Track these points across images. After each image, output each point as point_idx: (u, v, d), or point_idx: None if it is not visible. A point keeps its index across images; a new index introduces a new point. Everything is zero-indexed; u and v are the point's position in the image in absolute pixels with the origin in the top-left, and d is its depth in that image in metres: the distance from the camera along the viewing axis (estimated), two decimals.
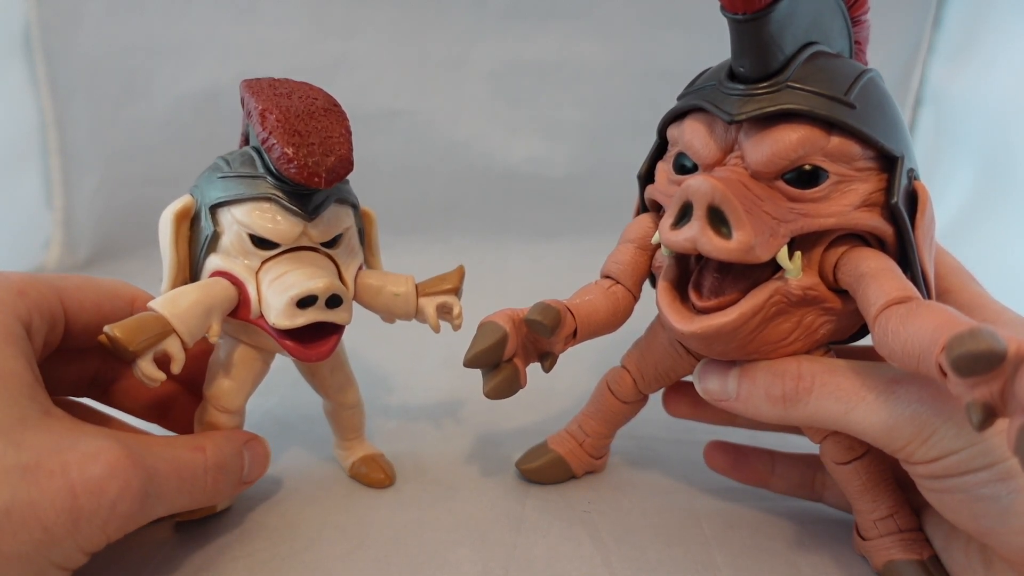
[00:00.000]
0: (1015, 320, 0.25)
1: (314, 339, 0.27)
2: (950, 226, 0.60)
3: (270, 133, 0.25)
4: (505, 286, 0.63)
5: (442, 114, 0.69)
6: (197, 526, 0.30)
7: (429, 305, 0.31)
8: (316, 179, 0.25)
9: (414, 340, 0.51)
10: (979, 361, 0.17)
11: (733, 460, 0.33)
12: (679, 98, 0.27)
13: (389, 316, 0.32)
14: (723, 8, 0.22)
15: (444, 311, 0.31)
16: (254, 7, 0.64)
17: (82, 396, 0.30)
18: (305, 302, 0.26)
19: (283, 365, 0.34)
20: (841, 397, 0.23)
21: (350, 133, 0.27)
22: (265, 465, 0.30)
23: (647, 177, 0.29)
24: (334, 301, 0.26)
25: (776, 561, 0.28)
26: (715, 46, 0.25)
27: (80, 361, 0.29)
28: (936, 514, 0.26)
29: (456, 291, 0.31)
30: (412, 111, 0.68)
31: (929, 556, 0.26)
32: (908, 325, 0.20)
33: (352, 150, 0.26)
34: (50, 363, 0.26)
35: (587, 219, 0.67)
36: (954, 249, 0.29)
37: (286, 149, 0.25)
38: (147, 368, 0.24)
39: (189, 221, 0.28)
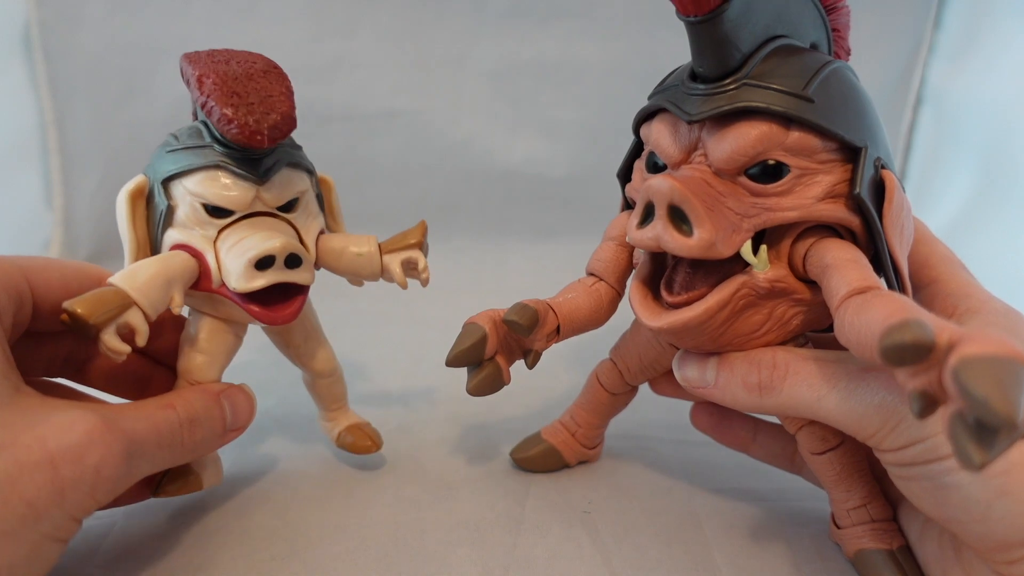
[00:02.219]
0: (1000, 308, 0.25)
1: (279, 303, 0.27)
2: (950, 226, 0.60)
3: (208, 96, 0.25)
4: (504, 286, 0.63)
5: (442, 114, 0.69)
6: (197, 525, 0.30)
7: (394, 262, 0.30)
8: (258, 137, 0.25)
9: (414, 340, 0.51)
10: (906, 352, 0.18)
11: (717, 421, 0.33)
12: (648, 98, 0.28)
13: (355, 278, 0.31)
14: (677, 11, 0.23)
15: (410, 267, 0.31)
16: (254, 7, 0.64)
17: (56, 376, 0.29)
18: (263, 263, 0.26)
19: (282, 365, 0.34)
20: (814, 385, 0.24)
21: (291, 92, 0.26)
22: (251, 410, 0.30)
23: (626, 176, 0.30)
24: (293, 260, 0.27)
25: (776, 561, 0.28)
26: None
27: (52, 342, 0.28)
28: (912, 506, 0.26)
29: (420, 246, 0.31)
30: (412, 111, 0.68)
31: (899, 546, 0.27)
32: (862, 315, 0.21)
33: (294, 108, 0.26)
34: (21, 345, 0.26)
35: (587, 219, 0.67)
36: (954, 248, 0.29)
37: (225, 110, 0.25)
38: (111, 341, 0.24)
39: (144, 200, 0.28)
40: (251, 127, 0.25)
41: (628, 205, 0.31)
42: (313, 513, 0.31)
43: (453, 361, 0.27)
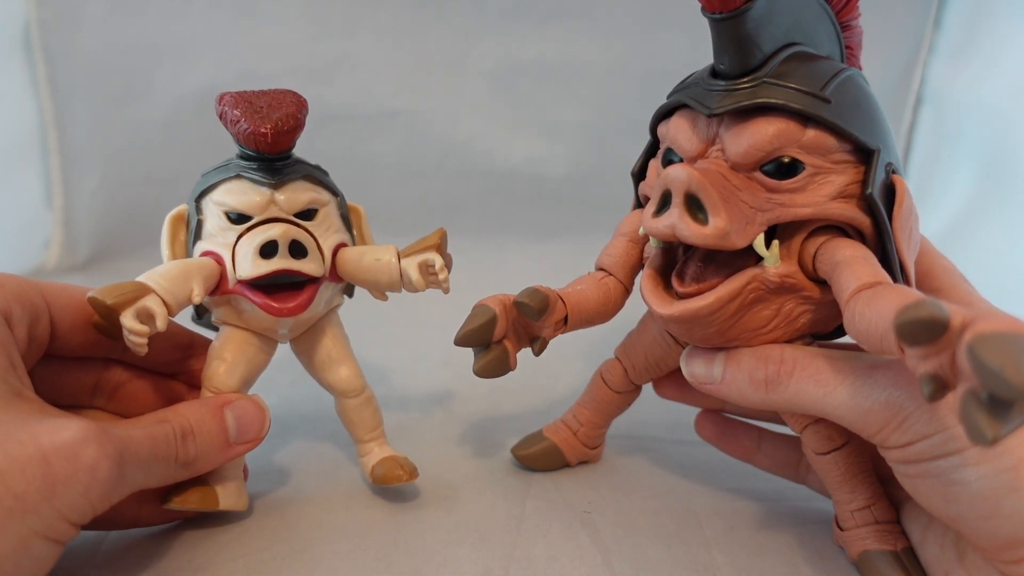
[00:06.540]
0: (1002, 318, 0.25)
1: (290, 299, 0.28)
2: (950, 226, 0.60)
3: (224, 106, 0.27)
4: (504, 286, 0.63)
5: (442, 114, 0.69)
6: (197, 525, 0.30)
7: (410, 265, 0.30)
8: (262, 131, 0.27)
9: (414, 340, 0.51)
10: (921, 328, 0.18)
11: (721, 430, 0.33)
12: (668, 97, 0.28)
13: (376, 288, 0.31)
14: (703, 8, 0.23)
15: (428, 271, 0.30)
16: (254, 7, 0.64)
17: (87, 404, 0.29)
18: (267, 249, 0.27)
19: (281, 364, 0.34)
20: (820, 381, 0.24)
21: (302, 104, 0.28)
22: (260, 422, 0.29)
23: (640, 174, 0.30)
24: (297, 249, 0.28)
25: (776, 561, 0.28)
26: None
27: (78, 368, 0.29)
28: (915, 508, 0.26)
29: (437, 248, 0.30)
30: (412, 111, 0.68)
31: (903, 548, 0.27)
32: (873, 306, 0.21)
33: (300, 111, 0.28)
34: (50, 371, 0.27)
35: (587, 219, 0.67)
36: (955, 249, 0.30)
37: (234, 111, 0.27)
38: (131, 323, 0.25)
39: (184, 223, 0.30)
40: (255, 123, 0.27)
41: (640, 204, 0.31)
42: (313, 513, 0.31)
43: (462, 340, 0.28)
